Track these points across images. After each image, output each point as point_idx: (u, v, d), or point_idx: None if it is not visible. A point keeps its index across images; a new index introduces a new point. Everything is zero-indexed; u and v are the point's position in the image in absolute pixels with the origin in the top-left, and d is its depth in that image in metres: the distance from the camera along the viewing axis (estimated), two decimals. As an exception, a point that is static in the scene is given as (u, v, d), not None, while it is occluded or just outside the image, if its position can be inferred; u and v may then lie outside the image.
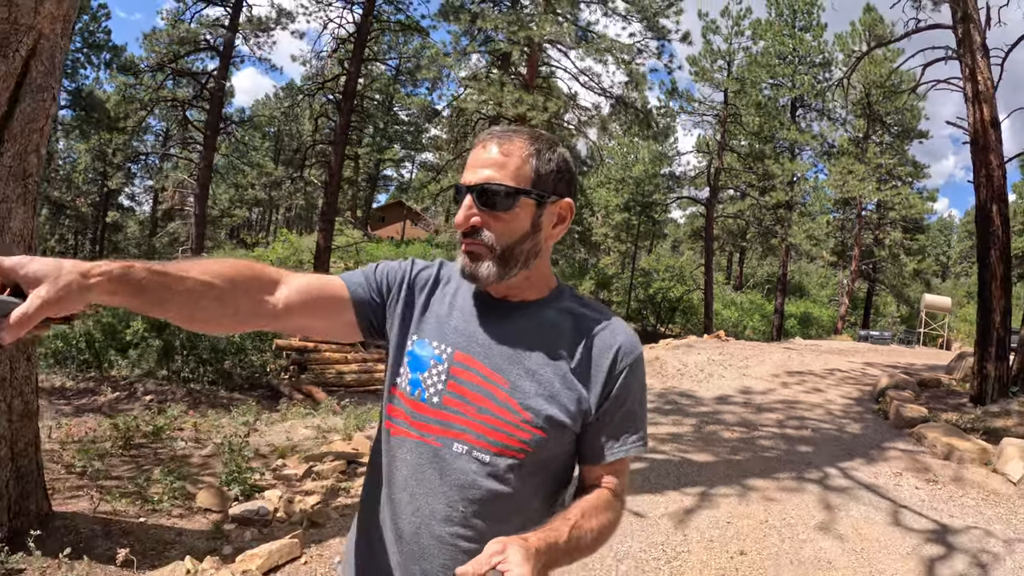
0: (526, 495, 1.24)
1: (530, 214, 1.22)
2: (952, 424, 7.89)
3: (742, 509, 4.52)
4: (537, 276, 1.29)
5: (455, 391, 1.23)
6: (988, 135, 9.17)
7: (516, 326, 1.27)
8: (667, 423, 7.42)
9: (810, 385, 10.69)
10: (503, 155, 1.21)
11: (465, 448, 1.21)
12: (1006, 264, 9.27)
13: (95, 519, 4.76)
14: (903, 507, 5.03)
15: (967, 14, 9.56)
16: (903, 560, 3.94)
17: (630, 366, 1.25)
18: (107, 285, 1.00)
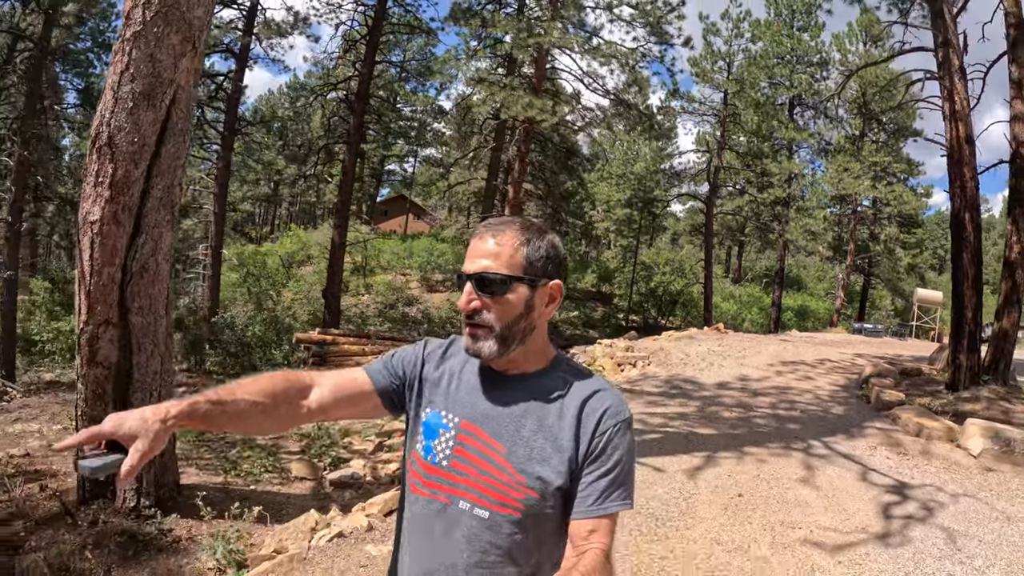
0: (527, 548, 1.39)
1: (523, 297, 1.39)
2: (925, 407, 9.06)
3: (739, 468, 5.71)
4: (534, 350, 1.46)
5: (461, 455, 1.40)
6: (963, 150, 10.33)
7: (514, 397, 1.43)
8: (674, 404, 8.61)
9: (802, 374, 11.87)
10: (497, 246, 1.39)
11: (468, 505, 1.38)
12: (977, 266, 10.43)
13: (216, 488, 5.88)
14: (872, 470, 6.20)
15: (947, 39, 10.69)
16: (865, 503, 5.12)
17: (614, 426, 1.38)
18: (180, 425, 1.29)
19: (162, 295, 4.50)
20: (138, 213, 4.29)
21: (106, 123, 4.20)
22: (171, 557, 4.28)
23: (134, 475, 1.17)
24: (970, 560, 4.23)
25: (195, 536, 4.53)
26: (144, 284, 4.34)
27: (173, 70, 4.36)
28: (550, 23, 19.63)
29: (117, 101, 4.20)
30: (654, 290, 31.36)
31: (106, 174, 4.17)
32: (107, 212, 4.17)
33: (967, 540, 4.58)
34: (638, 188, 33.60)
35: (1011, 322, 11.07)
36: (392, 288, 29.03)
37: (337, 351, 18.58)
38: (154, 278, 4.38)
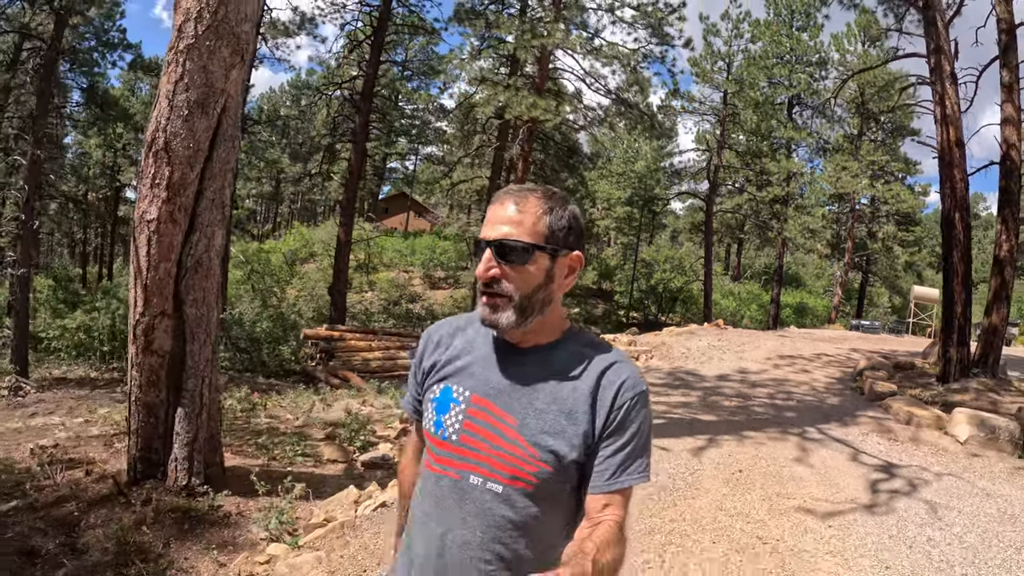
0: (540, 521, 1.37)
1: (544, 267, 1.37)
2: (916, 398, 9.51)
3: (739, 449, 6.16)
4: (549, 322, 1.43)
5: (471, 429, 1.39)
6: (953, 153, 10.78)
7: (528, 369, 1.42)
8: (678, 394, 9.06)
9: (799, 367, 12.32)
10: (519, 212, 1.36)
11: (480, 480, 1.37)
12: (967, 264, 10.89)
13: (256, 469, 6.31)
14: (863, 452, 6.66)
15: (939, 46, 11.14)
16: (855, 479, 5.57)
17: (631, 399, 1.37)
18: None
19: (214, 288, 4.93)
20: (193, 212, 4.72)
21: (162, 129, 4.63)
22: (224, 530, 4.71)
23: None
24: (949, 527, 4.68)
25: (243, 512, 4.95)
26: (198, 278, 4.77)
27: (224, 80, 4.80)
28: (553, 24, 20.07)
29: (172, 109, 4.63)
30: (654, 287, 31.86)
31: (163, 176, 4.60)
32: (164, 212, 4.61)
33: (947, 511, 5.03)
34: (639, 186, 34.10)
35: (1000, 318, 11.53)
36: (395, 285, 29.51)
37: (344, 347, 18.97)
38: (207, 273, 4.81)
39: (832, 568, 3.80)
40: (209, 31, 4.70)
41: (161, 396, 4.91)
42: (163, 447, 5.02)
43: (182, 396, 4.89)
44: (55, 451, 8.83)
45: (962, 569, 4.02)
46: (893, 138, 32.64)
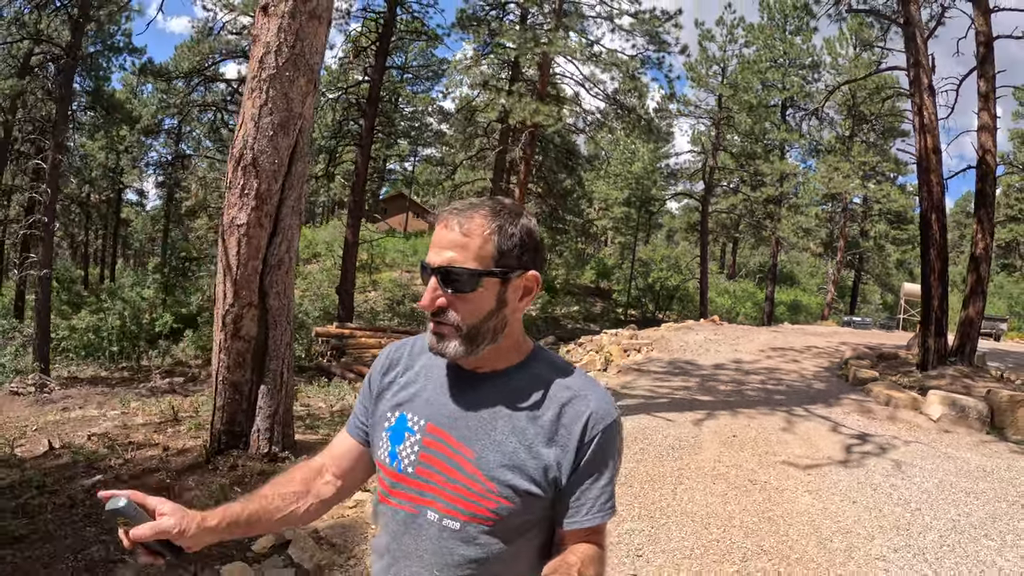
0: (505, 558, 1.31)
1: (494, 292, 1.27)
2: (895, 383, 10.54)
3: (733, 421, 7.16)
4: (506, 347, 1.35)
5: (427, 461, 1.32)
6: (930, 159, 11.81)
7: (485, 397, 1.33)
8: (677, 380, 10.06)
9: (790, 358, 13.33)
10: (464, 235, 1.25)
11: (436, 516, 1.30)
12: (943, 261, 11.91)
13: (317, 442, 7.26)
14: (843, 425, 7.66)
15: (918, 60, 12.17)
16: (833, 444, 6.57)
17: (601, 433, 1.29)
18: (219, 532, 1.32)
19: (291, 282, 5.89)
20: (276, 218, 5.66)
21: (249, 147, 5.57)
22: (303, 488, 5.69)
23: (139, 537, 1.19)
24: (910, 478, 5.67)
25: (317, 473, 5.94)
26: (280, 274, 5.72)
27: (301, 105, 5.75)
28: (554, 32, 21.06)
29: (259, 130, 5.58)
30: (651, 285, 32.90)
31: (251, 188, 5.55)
32: (252, 218, 5.56)
33: (911, 467, 6.03)
34: (636, 187, 35.13)
35: (976, 311, 12.55)
36: (398, 285, 30.43)
37: (355, 344, 19.86)
38: (287, 269, 5.77)
39: (808, 501, 4.80)
40: (288, 63, 5.65)
41: (246, 376, 5.86)
42: (246, 420, 5.97)
43: (265, 375, 5.84)
44: (113, 437, 9.77)
45: (917, 504, 5.01)
46: (884, 139, 33.72)
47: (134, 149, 35.07)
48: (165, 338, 24.18)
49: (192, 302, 28.76)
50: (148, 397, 14.19)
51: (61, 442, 9.62)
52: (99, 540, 5.34)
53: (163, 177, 36.25)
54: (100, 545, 5.14)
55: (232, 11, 23.75)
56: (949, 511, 4.97)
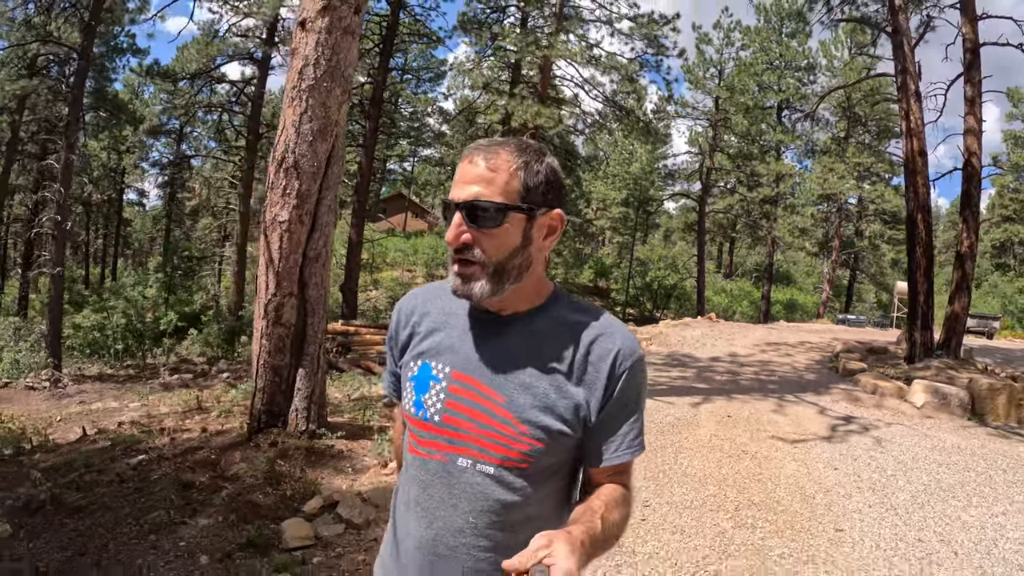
0: (536, 501, 1.31)
1: (520, 228, 1.26)
2: (883, 374, 11.20)
3: (728, 404, 7.81)
4: (529, 287, 1.33)
5: (454, 408, 1.31)
6: (916, 162, 12.47)
7: (510, 340, 1.33)
8: (676, 371, 10.70)
9: (783, 352, 13.99)
10: (490, 170, 1.25)
11: (469, 462, 1.30)
12: (928, 259, 12.57)
13: (346, 423, 7.87)
14: (830, 409, 8.31)
15: (905, 68, 12.84)
16: (820, 424, 7.22)
17: (629, 369, 1.30)
18: None
19: (327, 274, 6.51)
20: (314, 215, 6.29)
21: (291, 151, 6.19)
22: (343, 460, 6.25)
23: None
24: (888, 451, 6.32)
25: (353, 449, 6.50)
26: (317, 267, 6.34)
27: (337, 113, 6.37)
28: (555, 36, 21.70)
29: (299, 135, 6.19)
30: (649, 284, 33.59)
31: (292, 188, 6.16)
32: (293, 215, 6.17)
33: (890, 443, 6.68)
34: (634, 188, 35.81)
35: (961, 306, 13.20)
36: (400, 284, 31.05)
37: (359, 341, 20.45)
38: (324, 262, 6.39)
39: (794, 467, 5.44)
40: (326, 75, 6.27)
41: (286, 360, 6.47)
42: (284, 401, 6.58)
43: (303, 359, 6.46)
44: (144, 424, 10.35)
45: (892, 472, 5.66)
46: (879, 141, 34.44)
47: (136, 149, 35.63)
48: (169, 336, 24.66)
49: (196, 301, 29.39)
50: (162, 392, 14.74)
51: (94, 429, 10.21)
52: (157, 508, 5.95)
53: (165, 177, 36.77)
54: (160, 511, 5.74)
55: (238, 13, 24.37)
56: (922, 477, 5.62)
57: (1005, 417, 9.17)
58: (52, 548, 5.20)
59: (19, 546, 5.39)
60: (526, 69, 25.44)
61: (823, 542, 4.08)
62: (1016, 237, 45.86)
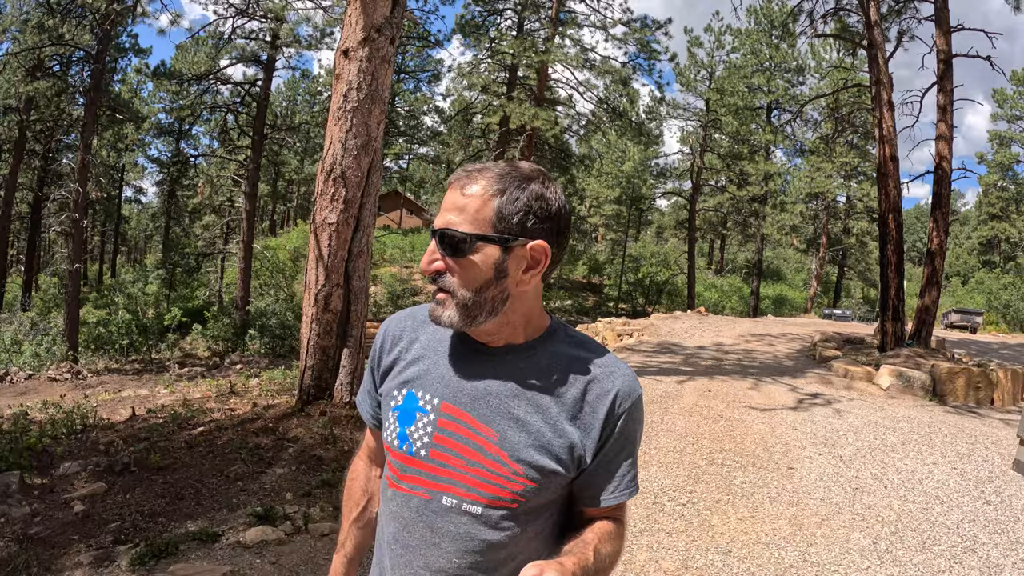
0: (523, 540, 1.29)
1: (492, 259, 1.22)
2: (855, 360, 12.49)
3: (710, 383, 9.07)
4: (517, 320, 1.30)
5: (443, 443, 1.27)
6: (888, 166, 13.75)
7: (503, 373, 1.29)
8: (664, 357, 11.95)
9: (766, 342, 15.27)
10: (464, 197, 1.22)
11: (455, 501, 1.26)
12: (899, 255, 13.85)
13: None
14: (801, 388, 9.58)
15: (879, 79, 14.11)
16: (789, 398, 8.48)
17: (628, 411, 1.28)
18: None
19: (368, 268, 7.71)
20: (357, 218, 7.49)
21: (338, 163, 7.38)
22: (387, 426, 7.53)
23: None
24: (845, 419, 7.58)
25: (394, 415, 7.78)
26: (360, 262, 7.55)
27: (376, 131, 7.57)
28: (551, 42, 22.94)
29: (346, 150, 7.39)
30: (641, 280, 34.92)
31: (340, 195, 7.36)
32: (340, 218, 7.37)
33: (848, 413, 7.94)
34: (627, 186, 37.12)
35: (931, 299, 14.50)
36: (398, 280, 32.17)
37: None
38: (366, 258, 7.59)
39: (761, 427, 6.70)
40: (367, 98, 7.47)
41: (333, 341, 7.68)
42: (330, 377, 7.79)
43: (347, 340, 7.67)
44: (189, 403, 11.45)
45: (844, 432, 6.92)
46: (865, 140, 35.75)
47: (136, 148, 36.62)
48: (173, 332, 25.53)
49: (198, 297, 30.42)
50: (185, 381, 15.78)
51: (144, 409, 11.36)
52: (234, 463, 7.14)
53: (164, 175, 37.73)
54: (239, 464, 6.95)
55: (243, 16, 25.45)
56: (869, 436, 6.88)
57: (964, 398, 10.39)
58: (149, 497, 6.41)
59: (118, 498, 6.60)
60: (523, 71, 26.65)
61: (776, 476, 5.34)
62: (1002, 234, 47.39)
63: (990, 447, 7.00)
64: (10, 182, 27.43)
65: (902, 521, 4.70)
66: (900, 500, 5.14)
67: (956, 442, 7.11)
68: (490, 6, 26.44)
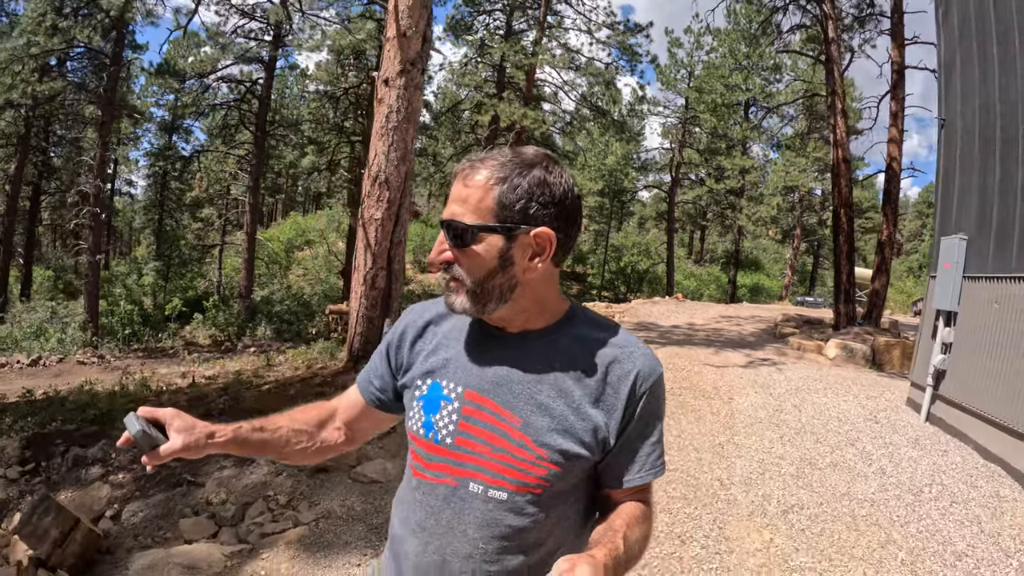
0: (549, 525, 1.33)
1: (496, 248, 1.27)
2: (809, 335, 14.78)
3: (679, 350, 11.34)
4: (534, 306, 1.35)
5: (468, 431, 1.33)
6: (841, 167, 16.04)
7: (524, 359, 1.35)
8: (642, 333, 14.19)
9: (735, 323, 17.56)
10: (466, 187, 1.28)
11: (481, 487, 1.31)
12: (850, 245, 16.14)
13: None
14: (755, 355, 11.83)
15: (835, 90, 16.40)
16: (742, 360, 10.73)
17: (650, 390, 1.33)
18: (223, 446, 1.42)
19: (404, 253, 9.87)
20: (397, 214, 9.62)
21: (382, 171, 9.51)
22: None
23: (154, 462, 1.32)
24: (785, 375, 9.82)
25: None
26: (399, 249, 9.69)
27: (412, 144, 9.72)
28: (540, 45, 25.10)
29: (388, 161, 9.51)
30: (623, 269, 37.37)
31: (383, 196, 9.49)
32: (384, 215, 9.50)
33: (788, 370, 10.19)
34: (609, 179, 39.42)
35: (881, 284, 16.81)
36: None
37: (365, 319, 23.69)
38: (403, 246, 9.74)
39: (712, 376, 8.96)
40: (404, 119, 9.61)
41: (377, 312, 9.84)
42: (375, 341, 9.92)
43: (389, 312, 9.82)
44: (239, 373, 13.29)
45: (779, 381, 9.15)
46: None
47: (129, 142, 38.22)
48: (174, 321, 27.02)
49: (197, 287, 32.13)
50: (209, 362, 17.45)
51: (202, 379, 13.30)
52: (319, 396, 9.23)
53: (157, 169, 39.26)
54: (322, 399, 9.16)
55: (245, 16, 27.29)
56: (800, 384, 9.14)
57: (900, 367, 12.48)
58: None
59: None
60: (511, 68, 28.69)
61: (719, 402, 7.60)
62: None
63: (896, 393, 9.22)
64: (16, 177, 29.03)
65: (805, 428, 6.95)
66: (808, 417, 7.39)
67: (870, 390, 9.30)
68: (479, 7, 28.44)
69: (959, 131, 7.70)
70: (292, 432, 1.54)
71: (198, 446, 1.38)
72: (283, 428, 1.53)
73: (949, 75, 8.16)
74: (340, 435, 1.61)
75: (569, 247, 1.34)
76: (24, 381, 14.41)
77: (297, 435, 1.55)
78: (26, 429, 9.20)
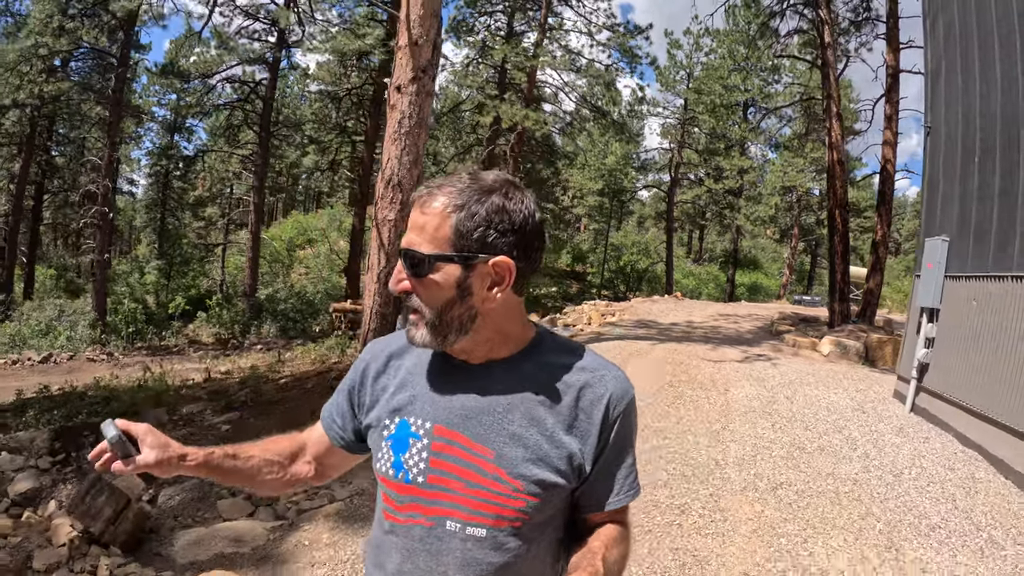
0: (531, 558, 1.33)
1: (454, 278, 1.25)
2: (804, 333, 15.30)
3: (678, 346, 11.85)
4: (496, 335, 1.34)
5: (439, 467, 1.30)
6: (836, 169, 16.55)
7: (492, 388, 1.33)
8: (642, 330, 14.72)
9: (732, 320, 18.08)
10: (423, 215, 1.27)
11: (458, 525, 1.29)
12: (844, 245, 16.65)
13: None
14: (751, 351, 12.34)
15: (830, 94, 16.91)
16: (738, 356, 11.25)
17: (623, 414, 1.33)
18: (194, 469, 1.43)
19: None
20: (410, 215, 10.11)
21: (395, 174, 10.00)
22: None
23: (129, 472, 1.35)
24: (778, 370, 10.32)
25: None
26: (412, 248, 10.19)
27: (423, 148, 10.21)
28: (541, 47, 25.61)
29: (401, 164, 10.01)
30: (623, 268, 37.94)
31: (396, 198, 9.98)
32: (397, 216, 9.99)
33: (782, 366, 10.70)
34: (609, 179, 39.96)
35: (875, 283, 17.37)
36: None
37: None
38: (417, 246, 10.25)
39: (710, 370, 9.48)
40: (416, 124, 10.11)
41: (390, 309, 10.33)
42: (386, 336, 10.43)
43: (402, 309, 10.31)
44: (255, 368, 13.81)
45: (774, 374, 9.66)
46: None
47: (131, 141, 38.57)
48: (176, 319, 27.41)
49: (200, 285, 32.60)
50: (219, 359, 17.92)
51: (218, 374, 13.83)
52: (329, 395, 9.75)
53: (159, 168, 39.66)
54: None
55: (250, 17, 27.76)
56: (793, 377, 9.65)
57: (892, 363, 12.89)
58: (275, 421, 8.99)
59: (251, 422, 9.19)
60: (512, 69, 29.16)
61: (715, 393, 8.12)
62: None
63: (885, 387, 9.72)
64: (21, 176, 29.48)
65: (796, 417, 7.47)
66: (799, 407, 7.91)
67: (860, 384, 9.80)
68: (480, 8, 28.91)
69: (943, 138, 8.22)
70: (264, 462, 1.54)
71: (170, 464, 1.40)
72: (255, 458, 1.53)
73: (935, 82, 8.66)
74: (310, 469, 1.61)
75: (528, 276, 1.33)
76: (38, 378, 14.88)
77: (269, 465, 1.55)
78: (52, 422, 9.70)
